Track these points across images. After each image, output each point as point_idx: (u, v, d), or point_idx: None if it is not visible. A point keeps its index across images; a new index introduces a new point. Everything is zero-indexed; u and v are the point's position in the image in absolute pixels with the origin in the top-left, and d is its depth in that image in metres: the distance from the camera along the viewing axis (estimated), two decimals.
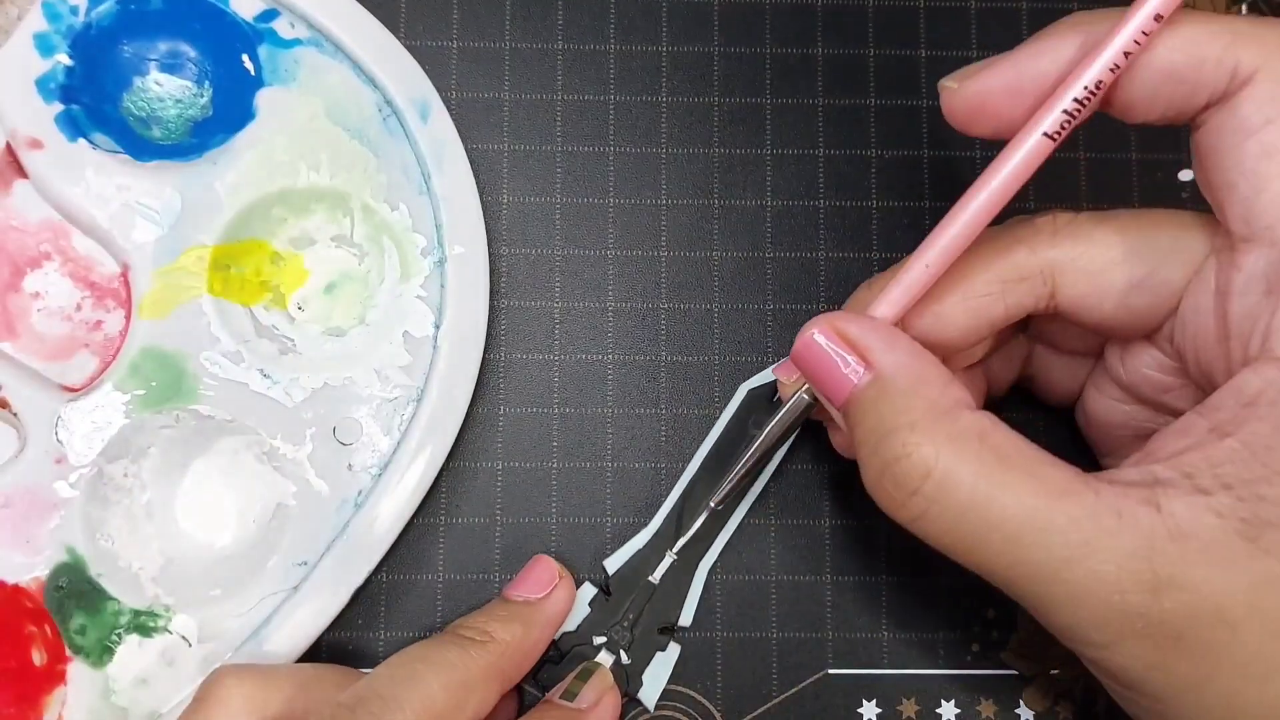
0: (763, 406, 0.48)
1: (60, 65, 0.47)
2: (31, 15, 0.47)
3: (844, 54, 0.51)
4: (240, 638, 0.45)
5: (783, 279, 0.49)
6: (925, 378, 0.37)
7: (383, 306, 0.47)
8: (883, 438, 0.36)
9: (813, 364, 0.39)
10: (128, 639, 0.45)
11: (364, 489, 0.46)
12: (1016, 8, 0.51)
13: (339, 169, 0.47)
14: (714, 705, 0.47)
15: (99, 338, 0.46)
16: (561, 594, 0.45)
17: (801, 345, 0.39)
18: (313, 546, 0.46)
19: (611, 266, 0.49)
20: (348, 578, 0.45)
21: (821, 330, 0.38)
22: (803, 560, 0.48)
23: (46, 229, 0.47)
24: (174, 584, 0.45)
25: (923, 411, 0.36)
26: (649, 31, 0.51)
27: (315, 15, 0.47)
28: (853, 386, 0.38)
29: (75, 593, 0.44)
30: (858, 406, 0.37)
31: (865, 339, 0.38)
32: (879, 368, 0.37)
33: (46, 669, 0.44)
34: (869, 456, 0.37)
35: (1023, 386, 0.47)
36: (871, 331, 0.38)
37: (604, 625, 0.46)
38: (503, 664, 0.42)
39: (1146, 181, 0.50)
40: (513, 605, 0.44)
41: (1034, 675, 0.47)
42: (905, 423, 0.36)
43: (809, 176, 0.50)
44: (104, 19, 0.47)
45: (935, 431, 0.35)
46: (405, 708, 0.38)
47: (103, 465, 0.45)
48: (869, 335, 0.38)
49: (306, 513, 0.46)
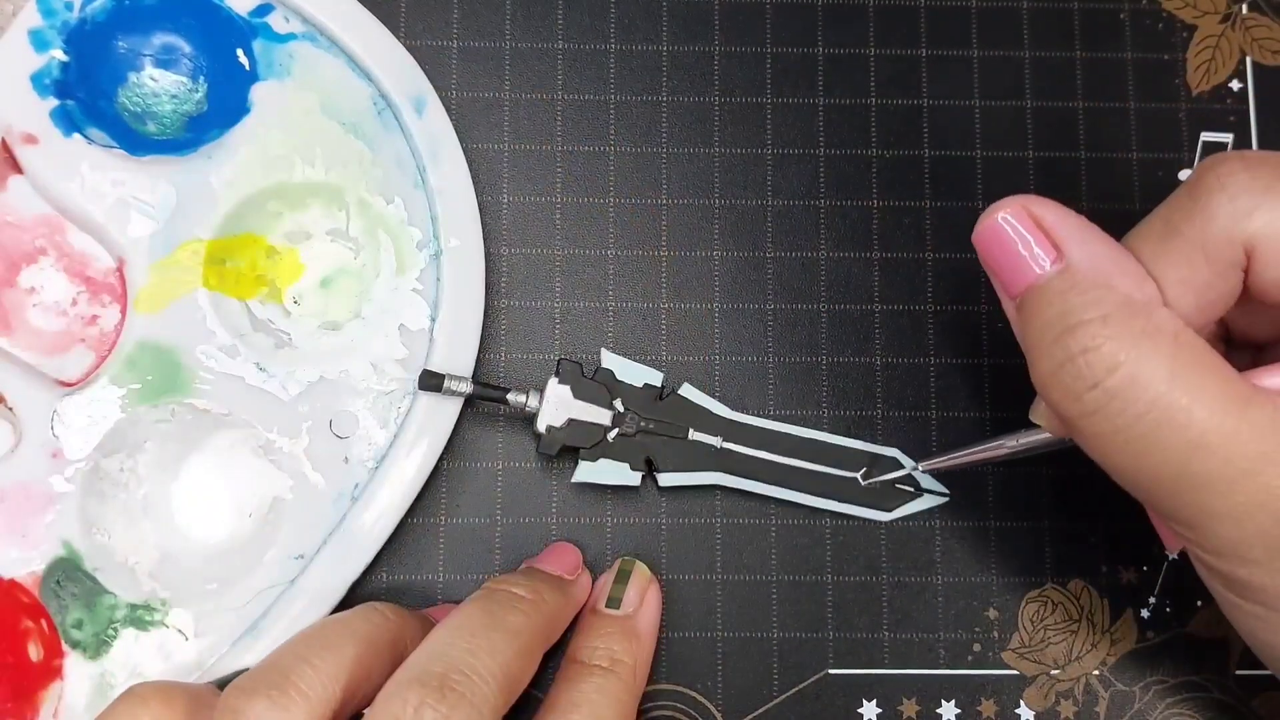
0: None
1: (55, 60, 0.46)
2: (26, 10, 0.47)
3: (844, 54, 0.51)
4: (237, 631, 0.45)
5: (783, 279, 0.49)
6: (1122, 270, 0.36)
7: (378, 300, 0.47)
8: (1068, 330, 0.35)
9: (995, 246, 0.37)
10: (124, 633, 0.44)
11: (360, 482, 0.46)
12: (1017, 8, 0.51)
13: (334, 163, 0.47)
14: (714, 705, 0.46)
15: (94, 332, 0.46)
16: (586, 582, 0.45)
17: (985, 227, 0.38)
18: (310, 540, 0.45)
19: (611, 266, 0.49)
20: (345, 571, 0.45)
21: (1012, 211, 0.37)
22: (803, 560, 0.47)
23: (42, 224, 0.46)
24: (170, 578, 0.45)
25: (1116, 305, 0.35)
26: (649, 31, 0.51)
27: (309, 9, 0.47)
28: (1036, 275, 0.36)
29: (71, 586, 0.44)
30: (1040, 296, 0.36)
31: (1060, 226, 0.37)
32: (1071, 258, 0.36)
33: (43, 664, 0.44)
34: (1048, 347, 0.36)
35: None
36: (1066, 219, 0.37)
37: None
38: (549, 630, 0.42)
39: (1147, 181, 0.50)
40: (551, 577, 0.44)
41: (1034, 675, 0.47)
42: (1097, 316, 0.35)
43: (809, 176, 0.50)
44: (99, 14, 0.47)
45: (1129, 326, 0.34)
46: (489, 680, 0.37)
47: (99, 459, 0.45)
48: (1064, 222, 0.37)
49: (303, 506, 0.46)
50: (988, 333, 0.49)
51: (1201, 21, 0.51)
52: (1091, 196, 0.50)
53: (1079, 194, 0.50)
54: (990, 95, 0.51)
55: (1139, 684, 0.47)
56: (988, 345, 0.49)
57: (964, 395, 0.49)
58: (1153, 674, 0.48)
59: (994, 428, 0.48)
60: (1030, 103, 0.51)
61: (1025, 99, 0.51)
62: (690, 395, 0.47)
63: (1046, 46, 0.51)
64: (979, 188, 0.50)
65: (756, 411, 0.48)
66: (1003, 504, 0.48)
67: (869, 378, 0.49)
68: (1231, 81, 0.51)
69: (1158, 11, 0.51)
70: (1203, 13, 0.51)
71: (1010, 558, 0.48)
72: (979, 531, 0.48)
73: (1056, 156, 0.50)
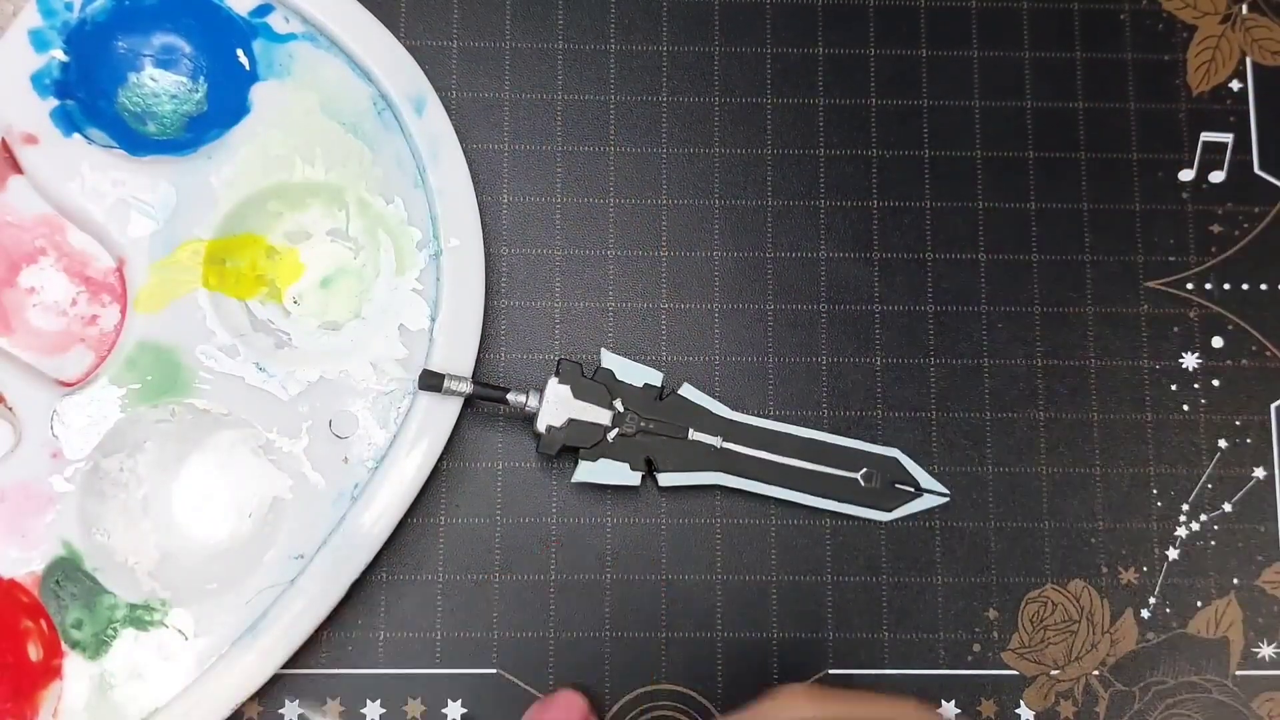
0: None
1: (55, 61, 0.46)
2: (27, 11, 0.47)
3: (844, 54, 0.51)
4: (237, 631, 0.44)
5: (783, 279, 0.49)
6: None
7: (378, 300, 0.47)
8: None
9: None
10: (124, 633, 0.44)
11: (360, 482, 0.46)
12: (1017, 8, 0.51)
13: (334, 163, 0.47)
14: (714, 705, 0.46)
15: (94, 332, 0.46)
16: None
17: None
18: (309, 540, 0.45)
19: (611, 267, 0.49)
20: (345, 571, 0.45)
21: None
22: (803, 560, 0.47)
23: (42, 224, 0.46)
24: (170, 578, 0.45)
25: None
26: (649, 31, 0.51)
27: (309, 10, 0.47)
28: None
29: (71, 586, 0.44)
30: None
31: None
32: None
33: (43, 664, 0.44)
34: None
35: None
36: None
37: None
38: None
39: (1146, 181, 0.50)
40: None
41: (1034, 675, 0.47)
42: None
43: (809, 176, 0.50)
44: (99, 14, 0.47)
45: None
46: None
47: (99, 459, 0.45)
48: None
49: (303, 506, 0.46)
50: (988, 333, 0.49)
51: (1201, 22, 0.51)
52: (1091, 196, 0.50)
53: (1079, 194, 0.50)
54: (990, 95, 0.51)
55: (1139, 684, 0.47)
56: (988, 345, 0.49)
57: (964, 395, 0.49)
58: (1153, 674, 0.48)
59: (994, 428, 0.48)
60: (1030, 103, 0.51)
61: (1025, 99, 0.51)
62: (690, 395, 0.47)
63: (1046, 46, 0.51)
64: (979, 188, 0.50)
65: (756, 411, 0.48)
66: (1003, 504, 0.48)
67: (869, 378, 0.49)
68: (1231, 81, 0.51)
69: (1158, 12, 0.51)
70: (1203, 13, 0.51)
71: (1010, 558, 0.48)
72: (979, 531, 0.48)
73: (1056, 157, 0.50)
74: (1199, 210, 0.50)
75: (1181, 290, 0.49)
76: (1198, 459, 0.49)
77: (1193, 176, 0.50)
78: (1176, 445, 0.49)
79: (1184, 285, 0.49)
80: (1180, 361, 0.49)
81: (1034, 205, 0.50)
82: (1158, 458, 0.48)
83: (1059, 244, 0.50)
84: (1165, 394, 0.49)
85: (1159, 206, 0.50)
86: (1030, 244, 0.50)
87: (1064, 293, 0.49)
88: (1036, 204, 0.50)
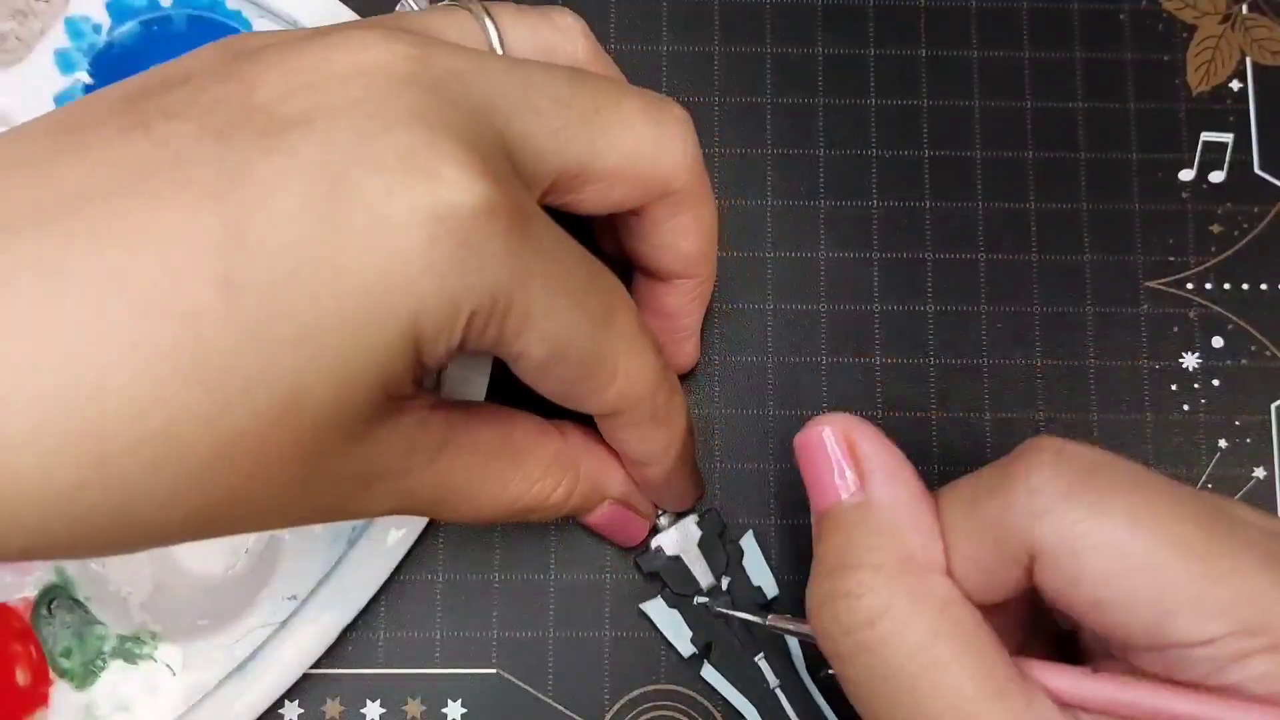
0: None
1: (80, 83, 0.46)
2: (54, 31, 0.46)
3: (844, 54, 0.51)
4: (224, 670, 0.44)
5: (783, 279, 0.49)
6: (916, 524, 0.34)
7: None
8: (843, 565, 0.34)
9: (809, 458, 0.36)
10: (112, 664, 0.44)
11: (358, 525, 0.45)
12: (1016, 8, 0.51)
13: None
14: (714, 705, 0.46)
15: None
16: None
17: (809, 434, 0.36)
18: (304, 581, 0.45)
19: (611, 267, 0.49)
20: (337, 616, 0.44)
21: (834, 430, 0.36)
22: (803, 559, 0.47)
23: None
24: (162, 611, 0.45)
25: (894, 558, 0.33)
26: (649, 31, 0.51)
27: None
28: (836, 500, 0.35)
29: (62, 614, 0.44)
30: (833, 521, 0.35)
31: (872, 460, 0.35)
32: (871, 495, 0.35)
33: (30, 690, 0.43)
34: (822, 575, 0.35)
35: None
36: (880, 454, 0.35)
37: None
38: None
39: (1146, 181, 0.50)
40: None
41: None
42: (871, 563, 0.33)
43: (809, 176, 0.50)
44: (126, 39, 0.47)
45: (898, 583, 0.33)
46: None
47: None
48: (877, 457, 0.35)
49: (300, 546, 0.45)
50: (988, 333, 0.49)
51: (1201, 22, 0.51)
52: (1091, 197, 0.50)
53: (1079, 194, 0.50)
54: (990, 95, 0.51)
55: None
56: (988, 345, 0.49)
57: (964, 395, 0.49)
58: None
59: (993, 428, 0.48)
60: (1030, 103, 0.51)
61: (1025, 99, 0.51)
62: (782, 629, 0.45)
63: (1046, 46, 0.51)
64: (979, 188, 0.50)
65: (756, 411, 0.48)
66: None
67: (869, 378, 0.49)
68: (1231, 82, 0.51)
69: (1158, 12, 0.51)
70: (1203, 13, 0.51)
71: None
72: None
73: (1056, 156, 0.50)
74: (1199, 210, 0.50)
75: (1181, 290, 0.49)
76: (1198, 459, 0.48)
77: (1193, 176, 0.50)
78: (1176, 445, 0.49)
79: (1184, 285, 0.50)
80: (1180, 361, 0.49)
81: (1034, 205, 0.50)
82: (1158, 458, 0.48)
83: (1059, 244, 0.50)
84: (1165, 394, 0.49)
85: (1159, 206, 0.50)
86: (1030, 244, 0.50)
87: (1064, 292, 0.49)
88: (1036, 204, 0.50)
